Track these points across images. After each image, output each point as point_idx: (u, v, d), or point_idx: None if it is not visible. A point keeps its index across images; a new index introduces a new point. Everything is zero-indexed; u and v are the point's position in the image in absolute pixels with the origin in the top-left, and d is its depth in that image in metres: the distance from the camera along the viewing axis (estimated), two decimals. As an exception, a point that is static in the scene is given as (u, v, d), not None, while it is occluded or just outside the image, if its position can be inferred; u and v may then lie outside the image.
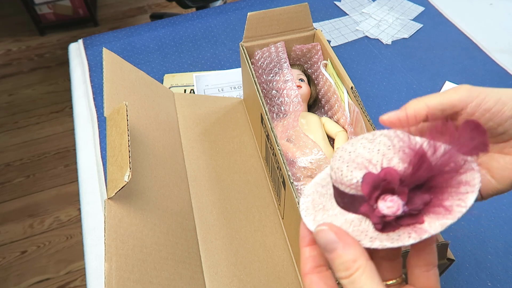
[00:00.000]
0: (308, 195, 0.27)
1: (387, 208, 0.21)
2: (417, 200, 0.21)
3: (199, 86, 0.73)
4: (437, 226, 0.21)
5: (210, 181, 0.57)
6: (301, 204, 0.27)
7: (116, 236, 0.36)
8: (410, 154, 0.21)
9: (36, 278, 1.21)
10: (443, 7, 0.91)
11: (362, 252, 0.22)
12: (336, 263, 0.22)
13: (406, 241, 0.21)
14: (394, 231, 0.22)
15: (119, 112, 0.41)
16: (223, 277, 0.49)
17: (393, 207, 0.21)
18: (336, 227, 0.23)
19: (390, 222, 0.22)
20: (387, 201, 0.21)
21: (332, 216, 0.24)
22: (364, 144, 0.24)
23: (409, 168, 0.21)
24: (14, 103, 1.70)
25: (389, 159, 0.22)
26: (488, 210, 0.57)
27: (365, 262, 0.21)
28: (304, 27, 0.58)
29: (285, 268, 0.50)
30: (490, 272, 0.51)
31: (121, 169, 0.37)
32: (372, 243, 0.22)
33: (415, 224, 0.21)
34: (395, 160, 0.22)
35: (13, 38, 1.98)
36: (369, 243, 0.22)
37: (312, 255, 0.24)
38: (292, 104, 0.54)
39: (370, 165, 0.22)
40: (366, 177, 0.22)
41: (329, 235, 0.22)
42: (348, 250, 0.22)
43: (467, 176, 0.22)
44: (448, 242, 0.36)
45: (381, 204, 0.21)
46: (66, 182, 1.44)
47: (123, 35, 0.84)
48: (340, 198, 0.24)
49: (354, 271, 0.21)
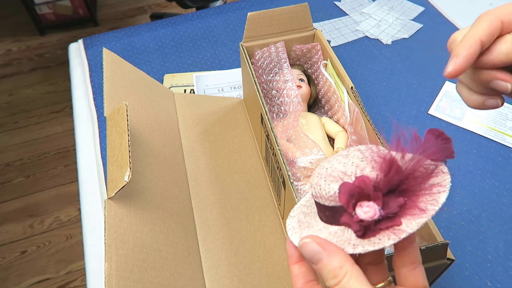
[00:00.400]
0: (293, 216, 0.29)
1: (364, 214, 0.22)
2: (392, 204, 0.22)
3: (199, 86, 0.73)
4: (413, 225, 0.22)
5: (210, 181, 0.57)
6: (287, 224, 0.28)
7: (116, 236, 0.36)
8: (380, 161, 0.23)
9: (36, 278, 1.21)
10: (443, 7, 0.91)
11: (347, 258, 0.22)
12: (324, 273, 0.23)
13: (386, 243, 0.22)
14: (375, 236, 0.23)
15: (119, 112, 0.41)
16: (223, 277, 0.49)
17: (370, 212, 0.22)
18: (319, 238, 0.24)
19: (369, 227, 0.23)
20: (364, 207, 0.22)
21: (317, 231, 0.25)
22: (339, 159, 0.25)
23: (381, 174, 0.22)
24: (14, 103, 1.70)
25: (362, 169, 0.23)
26: (488, 210, 0.57)
27: (351, 267, 0.22)
28: (304, 27, 0.58)
29: (285, 268, 0.50)
30: (490, 272, 0.51)
31: (121, 169, 0.37)
32: (354, 249, 0.23)
33: (393, 226, 0.22)
34: (367, 169, 0.23)
35: (13, 38, 1.98)
36: (352, 250, 0.23)
37: (302, 271, 0.25)
38: (292, 104, 0.54)
39: (345, 176, 0.23)
40: (342, 187, 0.23)
41: (313, 246, 0.23)
42: (333, 258, 0.22)
43: (438, 178, 0.23)
44: (448, 242, 0.36)
45: (358, 210, 0.22)
46: (66, 182, 1.44)
47: (123, 35, 0.84)
48: (322, 212, 0.25)
49: (342, 277, 0.22)
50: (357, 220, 0.22)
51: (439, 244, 0.35)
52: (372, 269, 0.26)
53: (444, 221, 0.56)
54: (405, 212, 0.23)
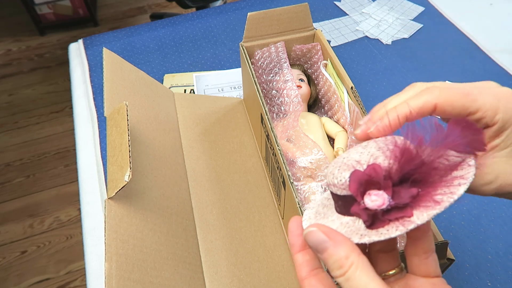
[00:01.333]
0: (312, 208, 0.28)
1: (371, 202, 0.21)
2: (403, 194, 0.22)
3: (199, 86, 0.73)
4: (424, 217, 0.21)
5: (210, 181, 0.57)
6: (304, 215, 0.28)
7: (116, 236, 0.36)
8: (394, 150, 0.22)
9: (36, 278, 1.21)
10: (443, 7, 0.91)
11: (354, 247, 0.22)
12: (330, 262, 0.22)
13: (393, 233, 0.21)
14: (383, 227, 0.22)
15: (119, 112, 0.41)
16: (223, 277, 0.49)
17: (378, 201, 0.21)
18: (326, 227, 0.23)
19: (378, 217, 0.22)
20: (372, 196, 0.22)
21: (330, 222, 0.25)
22: (357, 150, 0.24)
23: (394, 163, 0.22)
24: (14, 103, 1.70)
25: (375, 158, 0.22)
26: (488, 210, 0.57)
27: (358, 257, 0.21)
28: (304, 27, 0.58)
29: (285, 268, 0.50)
30: (490, 272, 0.51)
31: (121, 169, 0.37)
32: (361, 239, 0.22)
33: (404, 217, 0.22)
34: (380, 158, 0.22)
35: (13, 38, 1.98)
36: (358, 239, 0.22)
37: (306, 259, 0.24)
38: (292, 104, 0.54)
39: (358, 165, 0.23)
40: (353, 175, 0.22)
41: (318, 235, 0.22)
42: (339, 248, 0.22)
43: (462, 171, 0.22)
44: (448, 242, 0.36)
45: (366, 199, 0.22)
46: (66, 182, 1.44)
47: (123, 35, 0.84)
48: (336, 202, 0.25)
49: (348, 267, 0.21)
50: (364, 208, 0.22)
51: (439, 243, 0.35)
52: (383, 257, 0.26)
53: (444, 221, 0.56)
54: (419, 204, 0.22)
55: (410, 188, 0.22)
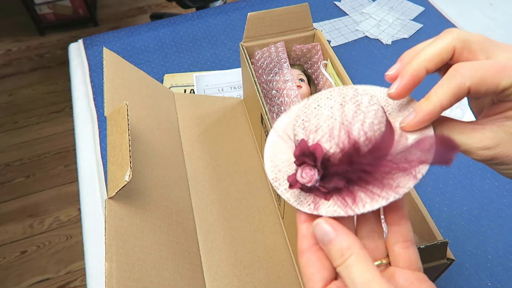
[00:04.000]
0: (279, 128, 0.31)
1: (300, 177, 0.24)
2: (331, 183, 0.24)
3: (199, 86, 0.73)
4: (329, 211, 0.24)
5: (210, 181, 0.57)
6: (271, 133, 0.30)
7: (117, 235, 0.36)
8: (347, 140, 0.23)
9: (36, 278, 1.21)
10: (443, 7, 0.91)
11: (356, 240, 0.23)
12: (333, 252, 0.23)
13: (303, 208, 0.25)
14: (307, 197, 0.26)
15: (119, 112, 0.41)
16: (223, 277, 0.49)
17: (305, 179, 0.24)
18: (332, 220, 0.24)
19: (305, 188, 0.25)
20: (303, 172, 0.24)
21: (281, 154, 0.28)
22: (328, 104, 0.26)
23: (338, 154, 0.23)
24: (14, 103, 1.70)
25: (330, 134, 0.24)
26: (488, 210, 0.57)
27: (359, 249, 0.23)
28: (304, 27, 0.58)
29: (285, 268, 0.50)
30: (490, 272, 0.51)
31: (121, 169, 0.37)
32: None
33: (321, 198, 0.25)
34: (333, 140, 0.24)
35: (13, 38, 1.98)
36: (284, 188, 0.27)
37: (310, 232, 0.25)
38: (292, 104, 0.54)
39: (314, 132, 0.24)
40: (301, 143, 0.25)
41: (325, 227, 0.24)
42: (343, 238, 0.23)
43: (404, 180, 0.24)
44: (448, 241, 0.36)
45: (298, 171, 0.24)
46: (66, 182, 1.44)
47: (123, 35, 0.84)
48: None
49: (348, 256, 0.22)
50: (293, 175, 0.25)
51: (438, 243, 0.35)
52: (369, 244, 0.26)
53: (444, 221, 0.56)
54: (338, 195, 0.24)
55: (339, 181, 0.24)
